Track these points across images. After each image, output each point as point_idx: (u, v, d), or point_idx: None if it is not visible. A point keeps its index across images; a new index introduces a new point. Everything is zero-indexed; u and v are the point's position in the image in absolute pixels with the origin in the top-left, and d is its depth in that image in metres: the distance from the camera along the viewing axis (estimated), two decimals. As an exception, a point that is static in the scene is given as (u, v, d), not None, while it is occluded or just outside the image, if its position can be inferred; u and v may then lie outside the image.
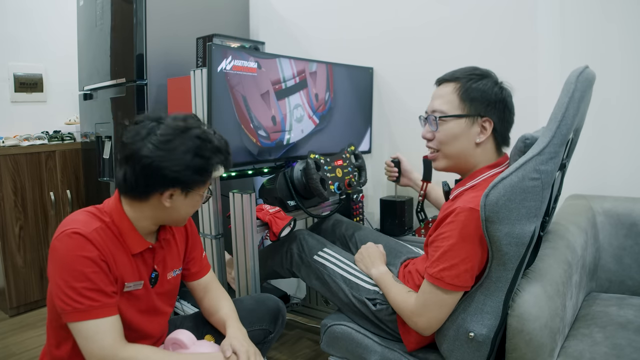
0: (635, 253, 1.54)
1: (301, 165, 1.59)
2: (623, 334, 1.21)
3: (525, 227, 0.98)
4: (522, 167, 0.97)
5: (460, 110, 1.12)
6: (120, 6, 2.02)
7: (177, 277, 1.21)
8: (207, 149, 1.03)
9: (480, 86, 1.13)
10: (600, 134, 1.80)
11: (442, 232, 1.07)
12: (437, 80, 1.20)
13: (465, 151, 1.14)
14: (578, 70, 1.01)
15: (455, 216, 1.04)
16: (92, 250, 0.97)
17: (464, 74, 1.15)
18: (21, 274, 2.36)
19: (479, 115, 1.12)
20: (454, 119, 1.12)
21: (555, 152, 0.98)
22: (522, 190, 0.96)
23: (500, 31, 1.71)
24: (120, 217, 1.05)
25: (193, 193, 1.06)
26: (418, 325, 1.12)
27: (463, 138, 1.13)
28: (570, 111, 0.97)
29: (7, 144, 2.34)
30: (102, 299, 0.96)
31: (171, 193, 1.03)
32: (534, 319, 1.02)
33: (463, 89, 1.13)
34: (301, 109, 1.77)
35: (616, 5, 1.72)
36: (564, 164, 1.14)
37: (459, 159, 1.15)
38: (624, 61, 1.73)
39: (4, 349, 2.03)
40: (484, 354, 1.07)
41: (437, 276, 1.05)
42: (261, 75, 1.59)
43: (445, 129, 1.13)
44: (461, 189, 1.16)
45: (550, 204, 1.11)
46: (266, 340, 1.31)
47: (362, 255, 1.37)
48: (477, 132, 1.13)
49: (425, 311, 1.09)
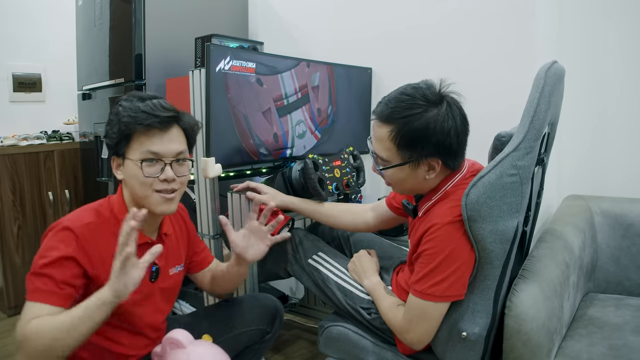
0: (633, 254, 1.54)
1: (299, 165, 1.59)
2: (620, 334, 1.21)
3: (508, 223, 0.99)
4: (499, 164, 0.99)
5: (399, 158, 1.06)
6: (119, 6, 2.02)
7: (179, 274, 1.20)
8: (125, 110, 1.03)
9: (416, 128, 1.01)
10: (598, 134, 1.80)
11: (425, 249, 1.04)
12: (373, 113, 1.09)
13: (416, 186, 1.11)
14: (547, 65, 1.03)
15: (436, 231, 1.03)
16: (65, 243, 0.97)
17: (399, 115, 1.03)
18: (19, 273, 2.35)
19: (419, 159, 1.05)
20: (396, 167, 1.07)
21: (530, 147, 0.99)
22: (502, 187, 0.98)
23: (500, 32, 1.71)
24: (120, 209, 1.07)
25: (126, 160, 1.04)
26: (407, 340, 1.11)
27: (410, 179, 1.08)
28: (541, 106, 0.99)
29: (5, 144, 2.33)
30: (50, 287, 0.93)
31: (116, 163, 1.06)
32: (531, 319, 1.03)
33: (399, 137, 1.03)
34: (303, 125, 1.75)
35: (616, 6, 1.72)
36: (542, 159, 1.14)
37: (414, 191, 1.14)
38: (623, 63, 1.74)
39: (2, 348, 2.03)
40: (478, 353, 1.07)
41: (428, 292, 1.03)
42: (263, 92, 1.58)
43: (389, 175, 1.10)
44: (429, 204, 1.11)
45: (531, 199, 1.12)
46: (263, 340, 1.31)
47: (355, 265, 1.36)
48: (425, 170, 1.06)
49: (412, 327, 1.09)
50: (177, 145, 1.06)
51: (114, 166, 1.07)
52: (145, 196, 1.04)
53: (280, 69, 1.65)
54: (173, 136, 1.06)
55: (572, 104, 1.80)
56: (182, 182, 1.09)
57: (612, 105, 1.76)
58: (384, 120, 1.05)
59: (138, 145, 1.02)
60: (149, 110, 1.01)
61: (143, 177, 1.03)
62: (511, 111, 1.24)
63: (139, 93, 1.08)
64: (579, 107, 1.80)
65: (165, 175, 1.04)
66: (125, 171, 1.05)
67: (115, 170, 1.07)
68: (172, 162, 1.05)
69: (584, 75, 1.78)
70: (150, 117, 1.01)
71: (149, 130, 1.02)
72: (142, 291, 1.09)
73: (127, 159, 1.04)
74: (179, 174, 1.06)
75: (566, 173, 1.85)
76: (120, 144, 1.03)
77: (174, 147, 1.05)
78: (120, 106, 1.04)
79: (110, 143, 1.05)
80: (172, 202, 1.07)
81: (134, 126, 1.01)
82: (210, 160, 1.42)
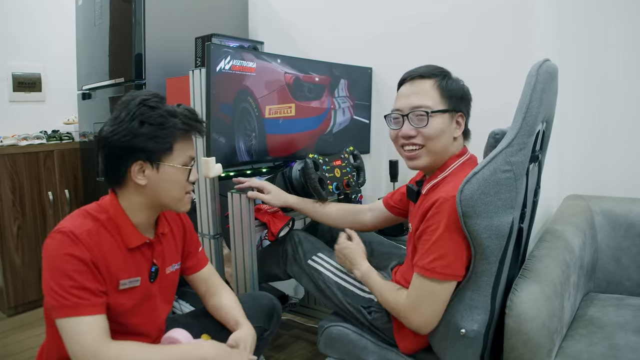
0: (633, 254, 1.54)
1: (300, 165, 1.59)
2: (621, 334, 1.21)
3: (503, 219, 1.00)
4: (492, 160, 1.00)
5: (443, 105, 1.13)
6: (119, 5, 2.02)
7: (175, 272, 1.21)
8: (154, 114, 1.02)
9: (453, 82, 1.15)
10: (598, 134, 1.80)
11: (428, 225, 1.06)
12: (408, 76, 1.18)
13: (446, 146, 1.15)
14: (538, 63, 1.05)
15: (439, 206, 1.04)
16: (79, 250, 0.97)
17: (437, 71, 1.15)
18: (19, 273, 2.35)
19: (455, 110, 1.14)
20: (441, 114, 1.12)
21: (524, 143, 1.00)
22: (496, 182, 0.99)
23: (499, 31, 1.71)
24: (116, 211, 1.06)
25: (163, 165, 1.04)
26: (413, 322, 1.10)
27: (447, 134, 1.14)
28: (534, 102, 1.01)
29: (5, 144, 2.33)
30: (88, 297, 0.96)
31: (139, 168, 1.03)
32: (532, 319, 1.02)
33: (442, 85, 1.13)
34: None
35: (616, 3, 1.72)
36: (537, 156, 1.15)
37: (439, 154, 1.15)
38: (623, 61, 1.73)
39: (2, 348, 2.03)
40: (477, 350, 1.07)
41: (429, 267, 1.04)
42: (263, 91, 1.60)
43: (433, 125, 1.12)
44: (434, 182, 1.16)
45: (527, 196, 1.12)
46: (262, 338, 1.30)
47: (341, 259, 1.36)
48: (455, 127, 1.15)
49: (418, 307, 1.08)
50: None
51: (134, 171, 1.03)
52: (179, 198, 1.09)
53: (281, 69, 1.65)
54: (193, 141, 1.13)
55: (572, 103, 1.80)
56: None
57: (612, 104, 1.76)
58: (425, 76, 1.15)
59: (181, 150, 1.06)
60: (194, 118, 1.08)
61: (184, 182, 1.08)
62: (508, 109, 1.24)
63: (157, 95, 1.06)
64: (578, 106, 1.80)
65: (194, 177, 1.11)
66: (159, 176, 1.04)
67: (136, 175, 1.03)
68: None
69: (584, 73, 1.78)
70: (196, 123, 1.08)
71: (188, 137, 1.09)
72: (143, 292, 1.09)
73: (164, 165, 1.04)
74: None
75: (566, 173, 1.85)
76: (159, 149, 1.03)
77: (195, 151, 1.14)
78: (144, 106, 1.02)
79: (142, 147, 1.01)
80: (189, 202, 1.14)
81: (179, 132, 1.05)
82: (211, 160, 1.42)
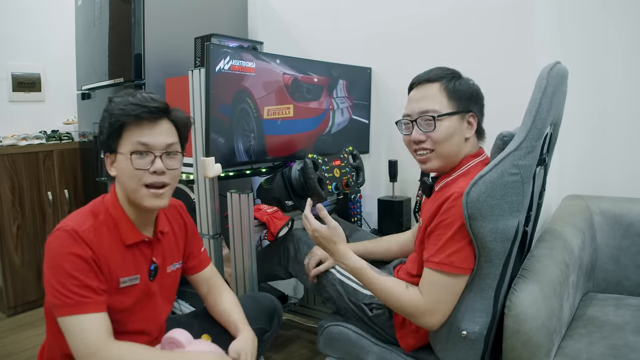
0: (632, 254, 1.54)
1: (299, 165, 1.59)
2: (620, 334, 1.21)
3: (509, 222, 1.00)
4: (500, 163, 0.99)
5: (451, 108, 1.12)
6: (119, 6, 2.02)
7: (177, 271, 1.20)
8: (112, 105, 1.02)
9: (462, 83, 1.15)
10: (598, 134, 1.80)
11: (443, 219, 1.05)
12: (416, 81, 1.18)
13: (457, 148, 1.14)
14: (549, 65, 1.04)
15: (454, 201, 1.04)
16: (81, 249, 0.97)
17: (444, 73, 1.15)
18: (19, 273, 2.35)
19: (465, 111, 1.13)
20: (449, 117, 1.12)
21: (532, 147, 1.00)
22: (503, 185, 0.98)
23: (499, 31, 1.71)
24: (115, 208, 1.06)
25: (118, 154, 1.03)
26: (430, 323, 1.07)
27: (457, 135, 1.13)
28: (543, 106, 1.00)
29: (4, 144, 2.33)
30: (90, 295, 0.96)
31: (109, 160, 1.05)
32: (531, 319, 1.02)
33: (449, 88, 1.13)
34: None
35: (616, 3, 1.72)
36: (544, 159, 1.15)
37: (450, 157, 1.15)
38: (623, 61, 1.73)
39: (2, 348, 2.02)
40: (478, 352, 1.07)
41: (447, 262, 1.03)
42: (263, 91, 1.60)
43: (442, 128, 1.13)
44: (448, 179, 1.15)
45: (533, 199, 1.12)
46: (263, 339, 1.31)
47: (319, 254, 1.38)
48: (466, 128, 1.14)
49: (440, 306, 1.06)
50: (167, 137, 1.04)
51: (107, 163, 1.06)
52: (134, 190, 1.02)
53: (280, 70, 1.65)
54: (163, 129, 1.05)
55: (572, 103, 1.80)
56: (173, 176, 1.07)
57: (611, 104, 1.76)
58: (432, 80, 1.15)
59: (128, 137, 1.02)
60: (139, 102, 1.01)
61: (133, 170, 1.01)
62: (511, 110, 1.24)
63: (131, 90, 1.08)
64: (578, 106, 1.79)
65: (155, 167, 1.02)
66: (118, 166, 1.04)
67: (109, 167, 1.06)
68: (163, 154, 1.04)
69: (584, 74, 1.78)
70: (139, 107, 1.00)
71: (139, 122, 1.01)
72: (143, 290, 1.09)
73: (119, 154, 1.03)
74: (169, 167, 1.04)
75: (566, 173, 1.85)
76: (111, 138, 1.02)
77: (163, 138, 1.04)
78: (111, 102, 1.04)
79: (102, 139, 1.04)
80: (162, 198, 1.05)
81: (124, 118, 1.00)
82: (210, 160, 1.42)
